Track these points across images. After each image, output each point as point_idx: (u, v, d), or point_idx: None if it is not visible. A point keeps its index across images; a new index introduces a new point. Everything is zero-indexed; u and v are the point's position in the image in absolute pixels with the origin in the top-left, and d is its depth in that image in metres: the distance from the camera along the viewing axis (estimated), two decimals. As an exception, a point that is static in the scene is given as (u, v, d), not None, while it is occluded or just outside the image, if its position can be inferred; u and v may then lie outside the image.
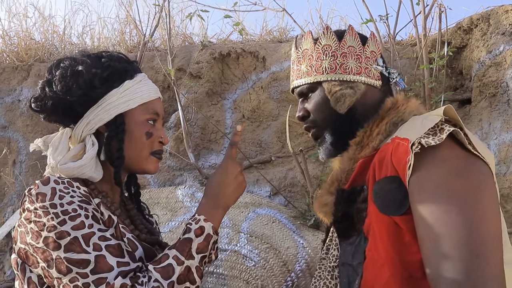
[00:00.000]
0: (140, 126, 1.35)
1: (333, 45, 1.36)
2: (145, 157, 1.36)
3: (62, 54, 4.20)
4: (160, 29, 3.91)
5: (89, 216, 1.15)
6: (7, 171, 3.75)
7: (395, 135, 1.19)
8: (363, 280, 1.15)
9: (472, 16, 2.98)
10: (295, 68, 1.43)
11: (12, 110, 3.86)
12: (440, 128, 1.12)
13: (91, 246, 1.11)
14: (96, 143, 1.32)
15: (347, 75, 1.33)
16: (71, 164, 1.27)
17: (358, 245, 1.19)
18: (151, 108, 1.38)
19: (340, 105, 1.32)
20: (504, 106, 2.63)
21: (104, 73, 1.33)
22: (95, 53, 1.40)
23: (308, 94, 1.39)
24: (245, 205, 2.83)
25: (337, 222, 1.28)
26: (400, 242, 1.09)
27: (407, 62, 3.17)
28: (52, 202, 1.16)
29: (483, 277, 0.96)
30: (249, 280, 2.46)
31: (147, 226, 1.43)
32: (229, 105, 3.48)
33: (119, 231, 1.22)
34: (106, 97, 1.33)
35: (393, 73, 1.39)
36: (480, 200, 1.04)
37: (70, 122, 1.37)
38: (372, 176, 1.17)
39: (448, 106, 1.15)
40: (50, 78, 1.35)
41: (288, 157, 3.16)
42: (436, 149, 1.08)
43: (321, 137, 1.38)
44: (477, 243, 0.99)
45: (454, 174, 1.06)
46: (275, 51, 3.43)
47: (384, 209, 1.12)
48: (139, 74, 1.40)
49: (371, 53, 1.37)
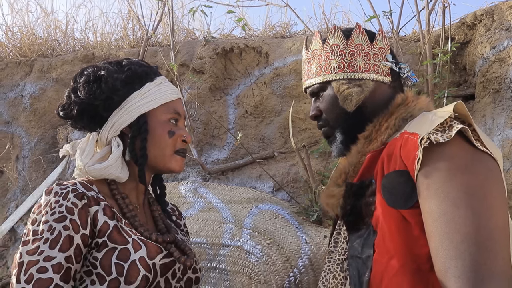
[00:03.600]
0: (162, 125, 1.41)
1: (341, 44, 1.38)
2: (168, 155, 1.41)
3: (64, 49, 4.20)
4: (163, 25, 3.91)
5: (48, 240, 1.20)
6: (10, 167, 3.76)
7: (404, 130, 1.20)
8: (373, 272, 1.17)
9: (476, 12, 2.97)
10: (305, 69, 1.46)
11: (15, 106, 3.86)
12: (449, 125, 1.13)
13: (26, 276, 1.17)
14: (121, 144, 1.39)
15: (355, 73, 1.35)
16: (98, 166, 1.34)
17: (367, 238, 1.21)
18: (172, 108, 1.43)
19: (348, 103, 1.34)
20: (508, 102, 2.63)
21: (125, 76, 1.40)
22: (116, 60, 1.47)
23: (319, 93, 1.42)
24: (248, 200, 2.83)
25: (345, 216, 1.30)
26: (409, 235, 1.11)
27: (411, 57, 3.16)
28: (36, 217, 1.25)
29: (491, 271, 0.97)
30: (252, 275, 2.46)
31: (167, 226, 1.48)
32: (232, 100, 3.48)
33: (118, 235, 1.27)
34: (128, 99, 1.39)
35: (404, 68, 1.40)
36: (488, 195, 1.05)
37: (95, 127, 1.44)
38: (381, 170, 1.19)
39: (459, 102, 1.16)
40: (74, 86, 1.43)
41: (291, 152, 3.16)
42: (444, 146, 1.09)
43: (332, 135, 1.40)
44: (485, 237, 1.00)
45: (462, 170, 1.08)
46: (278, 46, 3.42)
47: (392, 203, 1.14)
48: (159, 77, 1.46)
49: (380, 49, 1.38)
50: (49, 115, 3.76)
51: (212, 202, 2.84)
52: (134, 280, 1.24)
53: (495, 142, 2.58)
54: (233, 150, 3.31)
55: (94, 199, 1.30)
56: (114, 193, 1.38)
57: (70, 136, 3.53)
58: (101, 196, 1.33)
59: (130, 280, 1.24)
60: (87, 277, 1.25)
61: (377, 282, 1.15)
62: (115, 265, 1.24)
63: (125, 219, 1.34)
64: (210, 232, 2.68)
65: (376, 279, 1.16)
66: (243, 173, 3.18)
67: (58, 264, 1.18)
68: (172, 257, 1.35)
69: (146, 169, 1.41)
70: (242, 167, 3.22)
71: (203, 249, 2.62)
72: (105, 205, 1.31)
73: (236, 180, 3.17)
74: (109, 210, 1.30)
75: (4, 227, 3.45)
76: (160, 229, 1.44)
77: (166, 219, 1.52)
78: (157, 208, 1.52)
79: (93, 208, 1.28)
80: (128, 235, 1.29)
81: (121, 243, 1.26)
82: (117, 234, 1.27)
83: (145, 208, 1.49)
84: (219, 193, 2.89)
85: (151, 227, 1.44)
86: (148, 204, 1.52)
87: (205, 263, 2.57)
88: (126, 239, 1.27)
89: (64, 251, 1.20)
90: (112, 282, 1.23)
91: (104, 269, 1.23)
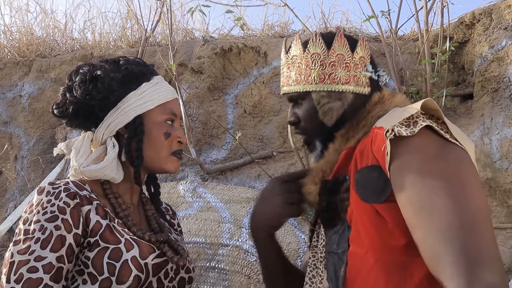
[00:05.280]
0: (158, 127, 1.39)
1: (322, 54, 1.35)
2: (164, 157, 1.39)
3: (63, 49, 4.20)
4: (162, 24, 3.90)
5: (39, 240, 1.20)
6: (9, 167, 3.75)
7: (374, 125, 1.21)
8: (348, 267, 1.17)
9: (474, 11, 2.97)
10: (285, 74, 1.43)
11: (13, 106, 3.86)
12: (414, 121, 1.14)
13: (16, 275, 1.16)
14: (117, 145, 1.37)
15: (336, 85, 1.33)
16: (93, 166, 1.33)
17: (342, 234, 1.22)
18: (169, 109, 1.42)
19: (328, 119, 1.34)
20: (506, 101, 2.63)
21: (122, 76, 1.38)
22: (112, 59, 1.45)
23: (298, 101, 1.40)
24: (246, 200, 2.83)
25: (321, 212, 1.30)
26: (383, 229, 1.12)
27: (409, 57, 3.16)
28: (28, 216, 1.24)
29: (482, 253, 0.97)
30: (251, 275, 2.46)
31: (161, 226, 1.46)
32: (231, 100, 3.48)
33: (110, 234, 1.26)
34: (125, 100, 1.37)
35: (382, 76, 1.40)
36: (464, 178, 1.07)
37: (91, 126, 1.42)
38: (354, 166, 1.20)
39: (427, 99, 1.17)
40: (70, 84, 1.41)
41: (290, 152, 3.16)
42: (413, 138, 1.11)
43: (311, 143, 1.40)
44: (470, 220, 1.01)
45: (433, 158, 1.09)
46: (277, 46, 3.42)
47: (365, 197, 1.14)
48: (155, 77, 1.44)
49: (360, 59, 1.37)
50: (47, 115, 3.75)
51: (211, 202, 2.83)
52: (126, 280, 1.24)
53: (493, 142, 2.58)
54: (231, 150, 3.31)
55: (86, 198, 1.29)
56: (107, 193, 1.37)
57: (68, 136, 3.53)
58: (94, 195, 1.32)
59: (122, 280, 1.23)
60: (79, 276, 1.25)
61: (352, 276, 1.16)
62: (107, 265, 1.23)
63: (118, 219, 1.33)
64: (209, 231, 2.68)
65: (352, 273, 1.16)
66: (242, 172, 3.18)
67: (49, 264, 1.18)
68: (165, 256, 1.34)
69: (141, 169, 1.40)
70: (241, 166, 3.21)
71: (202, 249, 2.62)
72: (97, 205, 1.30)
73: (235, 179, 3.17)
74: (101, 209, 1.30)
75: (2, 227, 3.44)
76: (154, 228, 1.43)
77: (159, 219, 1.51)
78: (151, 208, 1.51)
79: (85, 207, 1.27)
80: (121, 235, 1.28)
81: (113, 242, 1.25)
82: (109, 234, 1.26)
83: (139, 208, 1.48)
84: (218, 193, 2.89)
85: (145, 227, 1.43)
86: (142, 203, 1.51)
87: (204, 263, 2.57)
88: (118, 239, 1.26)
89: (55, 251, 1.19)
90: (104, 281, 1.22)
91: (96, 269, 1.23)
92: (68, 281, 1.25)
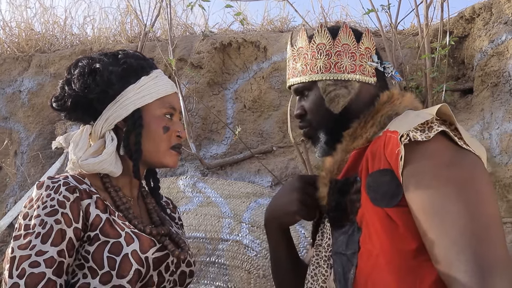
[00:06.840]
0: (157, 120, 1.38)
1: (327, 44, 1.36)
2: (163, 151, 1.39)
3: (62, 44, 4.19)
4: (161, 19, 3.89)
5: (40, 234, 1.19)
6: (9, 162, 3.75)
7: (387, 128, 1.20)
8: (358, 269, 1.17)
9: (474, 5, 2.96)
10: (291, 66, 1.44)
11: (13, 101, 3.85)
12: (429, 126, 1.14)
13: (18, 270, 1.16)
14: (115, 139, 1.36)
15: (342, 74, 1.34)
16: (91, 160, 1.32)
17: (351, 235, 1.21)
18: (168, 103, 1.41)
19: (334, 106, 1.34)
20: (506, 95, 2.62)
21: (121, 70, 1.37)
22: (111, 52, 1.44)
23: (304, 92, 1.40)
24: (246, 195, 2.83)
25: (330, 211, 1.30)
26: (394, 233, 1.11)
27: (409, 51, 3.15)
28: (27, 211, 1.24)
29: (494, 260, 0.98)
30: (251, 270, 2.47)
31: (162, 219, 1.46)
32: (230, 95, 3.47)
33: (110, 228, 1.26)
34: (123, 93, 1.36)
35: (388, 68, 1.40)
36: (477, 185, 1.07)
37: (89, 120, 1.42)
38: (365, 168, 1.19)
39: (443, 105, 1.16)
40: (69, 77, 1.40)
41: (290, 147, 3.16)
42: (427, 143, 1.10)
43: (314, 137, 1.39)
44: (482, 227, 1.01)
45: (447, 164, 1.09)
46: (277, 40, 3.41)
47: (377, 201, 1.14)
48: (155, 70, 1.43)
49: (366, 49, 1.37)
50: (47, 110, 3.75)
51: (210, 197, 2.84)
52: (127, 273, 1.23)
53: (493, 136, 2.58)
54: (231, 145, 3.31)
55: (86, 192, 1.29)
56: (107, 186, 1.37)
57: (68, 131, 3.52)
58: (94, 189, 1.32)
59: (122, 274, 1.23)
60: (79, 270, 1.24)
61: (362, 279, 1.16)
62: (107, 259, 1.23)
63: (118, 212, 1.33)
64: (209, 226, 2.68)
65: (362, 276, 1.16)
66: (242, 167, 3.18)
67: (50, 258, 1.18)
68: (166, 250, 1.34)
69: (140, 163, 1.39)
70: (241, 161, 3.21)
71: (202, 244, 2.62)
72: (97, 198, 1.29)
73: (234, 174, 3.17)
74: (101, 203, 1.29)
75: (2, 222, 3.45)
76: (155, 221, 1.43)
77: (160, 212, 1.50)
78: (151, 201, 1.51)
79: (85, 201, 1.27)
80: (121, 228, 1.28)
81: (113, 236, 1.25)
82: (109, 228, 1.26)
83: (139, 201, 1.48)
84: (217, 188, 2.89)
85: (146, 220, 1.43)
86: (142, 197, 1.51)
87: (204, 258, 2.57)
88: (118, 233, 1.26)
89: (56, 245, 1.19)
90: (104, 275, 1.22)
91: (96, 263, 1.23)
92: (68, 276, 1.24)
